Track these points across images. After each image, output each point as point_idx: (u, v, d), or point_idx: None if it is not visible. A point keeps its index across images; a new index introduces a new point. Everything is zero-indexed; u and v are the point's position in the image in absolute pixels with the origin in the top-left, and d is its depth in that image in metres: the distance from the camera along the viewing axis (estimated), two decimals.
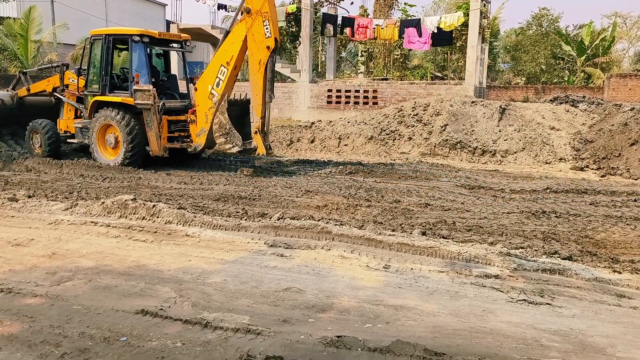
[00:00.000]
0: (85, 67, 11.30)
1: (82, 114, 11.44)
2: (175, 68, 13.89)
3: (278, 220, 6.40)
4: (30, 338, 3.48)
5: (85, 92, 11.07)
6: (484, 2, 18.54)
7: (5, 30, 21.85)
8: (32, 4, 22.35)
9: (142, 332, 3.58)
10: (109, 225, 6.12)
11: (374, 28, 20.88)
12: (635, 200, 8.13)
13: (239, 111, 10.58)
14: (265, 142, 9.89)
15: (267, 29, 9.45)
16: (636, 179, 10.12)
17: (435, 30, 19.50)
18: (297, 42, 23.34)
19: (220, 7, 23.45)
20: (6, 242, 5.49)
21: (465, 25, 19.01)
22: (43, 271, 4.70)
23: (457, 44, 21.72)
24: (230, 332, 3.59)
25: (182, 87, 12.06)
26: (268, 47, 9.49)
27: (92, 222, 6.26)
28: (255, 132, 9.83)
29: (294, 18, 22.45)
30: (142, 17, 41.09)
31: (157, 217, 6.42)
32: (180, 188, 8.67)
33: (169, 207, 6.70)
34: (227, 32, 10.03)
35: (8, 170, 10.11)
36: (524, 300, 4.24)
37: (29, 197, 7.55)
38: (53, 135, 11.37)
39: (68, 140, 11.53)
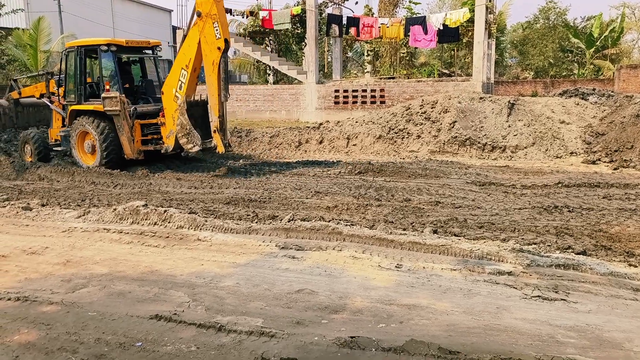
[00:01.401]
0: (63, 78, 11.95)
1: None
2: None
3: (289, 222, 6.41)
4: (47, 345, 3.53)
5: (64, 102, 11.59)
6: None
7: (15, 40, 22.13)
8: (41, 15, 22.61)
9: (156, 337, 3.60)
10: (121, 232, 6.17)
11: (379, 27, 20.85)
12: None
13: (201, 111, 10.82)
14: (224, 140, 10.26)
15: (217, 30, 9.76)
16: None
17: (441, 27, 19.41)
18: (303, 43, 23.36)
19: (226, 11, 23.50)
20: (21, 251, 5.56)
21: (471, 21, 18.90)
22: (58, 279, 4.76)
23: (464, 40, 21.61)
24: (244, 335, 3.61)
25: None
26: (219, 48, 9.80)
27: (104, 228, 6.32)
28: (214, 131, 10.14)
29: (299, 20, 22.49)
30: (148, 24, 41.43)
31: (169, 222, 6.46)
32: (190, 192, 8.72)
33: (180, 212, 6.74)
34: (184, 36, 10.47)
35: (21, 180, 10.24)
36: (538, 296, 4.21)
37: (43, 205, 7.64)
38: (41, 145, 11.99)
39: (54, 149, 12.06)
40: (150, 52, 12.08)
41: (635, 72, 20.16)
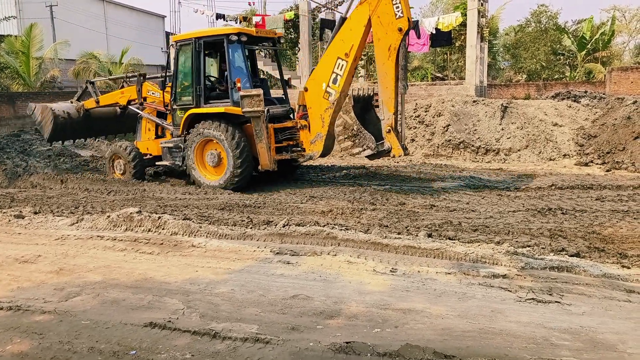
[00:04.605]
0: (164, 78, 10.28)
1: (163, 132, 10.57)
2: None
3: (283, 227, 6.41)
4: (40, 355, 3.49)
5: (174, 106, 9.90)
6: (481, 1, 18.53)
7: (7, 47, 22.04)
8: (33, 22, 22.54)
9: (151, 345, 3.58)
10: (115, 239, 6.14)
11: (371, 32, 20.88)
12: None
13: (358, 109, 9.18)
14: (400, 142, 8.52)
15: (397, 8, 8.00)
16: None
17: (434, 31, 19.49)
18: (297, 48, 23.40)
19: (219, 17, 23.57)
20: (14, 260, 5.51)
21: (463, 25, 19.00)
22: (51, 287, 4.72)
23: (457, 44, 21.71)
24: (239, 341, 3.59)
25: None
26: (400, 30, 8.02)
27: (98, 236, 6.29)
28: (388, 131, 8.37)
29: (293, 25, 22.54)
30: (142, 30, 41.40)
31: (163, 229, 6.43)
32: (185, 198, 8.70)
33: (175, 219, 6.72)
34: (343, 19, 8.77)
35: (14, 187, 10.18)
36: (532, 299, 4.21)
37: (35, 213, 7.59)
38: (137, 158, 10.48)
39: (157, 163, 10.45)
40: (270, 44, 10.53)
41: (626, 74, 20.31)
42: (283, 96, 10.44)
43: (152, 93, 10.51)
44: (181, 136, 9.74)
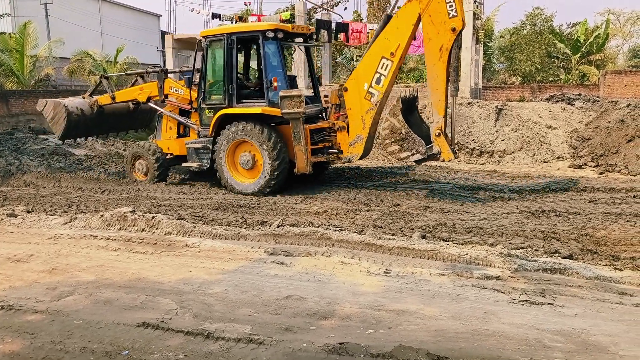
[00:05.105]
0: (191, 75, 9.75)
1: (186, 131, 10.14)
2: None
3: (278, 227, 6.40)
4: (31, 355, 3.47)
5: (203, 106, 9.43)
6: (476, 3, 18.60)
7: (1, 45, 21.89)
8: (27, 20, 22.41)
9: (143, 345, 3.57)
10: (108, 238, 6.12)
11: (368, 32, 20.93)
12: (634, 197, 8.13)
13: (403, 111, 8.99)
14: (451, 145, 8.15)
15: (450, 7, 7.62)
16: (634, 175, 10.12)
17: None
18: (292, 49, 23.37)
19: (214, 16, 23.51)
20: (6, 259, 5.48)
21: None
22: (43, 287, 4.69)
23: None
24: (233, 342, 3.59)
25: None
26: (453, 30, 7.65)
27: (91, 235, 6.26)
28: (438, 134, 8.03)
29: None
30: (137, 29, 41.26)
31: (157, 229, 6.41)
32: (179, 198, 8.67)
33: (168, 218, 6.70)
34: (389, 17, 8.32)
35: (6, 186, 10.11)
36: (525, 301, 4.23)
37: (28, 212, 7.55)
38: (161, 159, 9.99)
39: (183, 165, 9.87)
40: (302, 40, 9.97)
41: (620, 77, 20.43)
42: (314, 95, 9.99)
43: (176, 90, 9.99)
44: (210, 137, 9.28)
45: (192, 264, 5.28)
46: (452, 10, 7.63)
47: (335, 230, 6.29)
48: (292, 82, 9.99)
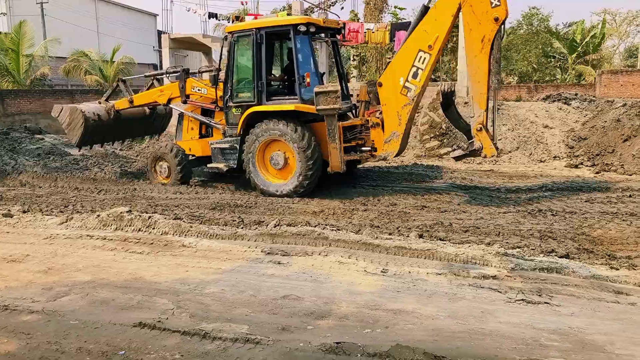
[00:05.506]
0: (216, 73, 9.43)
1: (208, 131, 9.89)
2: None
3: (274, 227, 6.39)
4: (27, 355, 3.46)
5: (230, 104, 9.15)
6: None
7: None
8: (23, 19, 22.32)
9: (140, 345, 3.56)
10: (104, 238, 6.10)
11: (365, 32, 20.91)
12: (630, 196, 8.16)
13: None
14: (493, 141, 7.89)
15: None
16: (630, 175, 10.16)
17: None
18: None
19: (211, 15, 23.51)
20: (1, 259, 5.45)
21: (455, 26, 19.06)
22: (39, 287, 4.67)
23: (448, 46, 21.79)
24: (229, 342, 3.58)
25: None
26: (496, 20, 7.36)
27: (87, 235, 6.24)
28: (479, 129, 7.72)
29: None
30: (133, 28, 41.17)
31: (153, 229, 6.39)
32: (176, 198, 8.65)
33: (165, 218, 6.68)
34: (426, 8, 8.01)
35: (2, 186, 10.06)
36: (522, 300, 4.24)
37: (24, 212, 7.52)
38: (184, 160, 9.72)
39: (208, 166, 9.63)
40: (330, 34, 9.69)
41: (616, 77, 20.48)
42: (343, 91, 9.57)
43: (198, 89, 9.74)
44: (238, 136, 9.01)
45: (189, 263, 5.27)
46: None
47: (332, 229, 6.29)
48: (320, 78, 9.79)
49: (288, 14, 21.83)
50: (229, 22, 25.01)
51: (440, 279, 4.74)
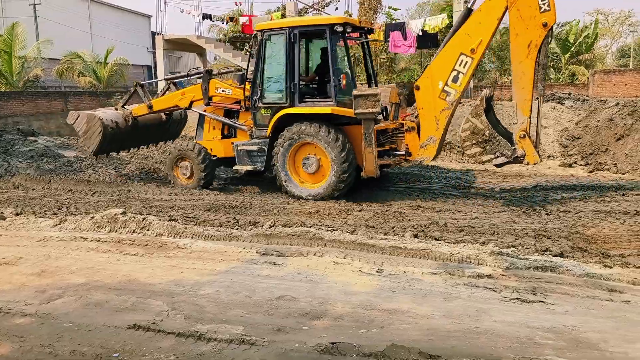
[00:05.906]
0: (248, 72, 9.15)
1: (231, 132, 9.63)
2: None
3: (270, 228, 6.39)
4: (21, 358, 3.44)
5: (259, 105, 8.87)
6: (467, 3, 18.68)
7: None
8: (15, 20, 22.19)
9: (134, 347, 3.54)
10: (99, 240, 6.06)
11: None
12: (623, 195, 8.21)
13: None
14: (536, 148, 7.68)
15: (543, 0, 7.13)
16: (623, 174, 10.22)
17: (420, 33, 19.60)
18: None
19: (205, 17, 23.46)
20: None
21: (449, 27, 19.10)
22: (32, 290, 4.64)
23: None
24: (225, 343, 3.57)
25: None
26: (545, 25, 7.14)
27: (81, 237, 6.20)
28: (522, 136, 7.52)
29: None
30: (127, 30, 41.03)
31: (148, 230, 6.37)
32: (170, 199, 8.62)
33: (160, 220, 6.66)
34: (469, 11, 7.86)
35: None
36: (517, 298, 4.25)
37: (17, 214, 7.47)
38: (207, 160, 9.37)
39: (235, 167, 9.35)
40: (362, 34, 9.45)
41: (609, 77, 20.61)
42: None
43: (222, 90, 9.42)
44: (266, 138, 8.79)
45: (184, 265, 5.25)
46: (544, 4, 7.12)
47: (328, 230, 6.28)
48: (348, 81, 9.41)
49: (282, 15, 21.87)
50: (223, 23, 25.01)
51: (435, 279, 4.74)
